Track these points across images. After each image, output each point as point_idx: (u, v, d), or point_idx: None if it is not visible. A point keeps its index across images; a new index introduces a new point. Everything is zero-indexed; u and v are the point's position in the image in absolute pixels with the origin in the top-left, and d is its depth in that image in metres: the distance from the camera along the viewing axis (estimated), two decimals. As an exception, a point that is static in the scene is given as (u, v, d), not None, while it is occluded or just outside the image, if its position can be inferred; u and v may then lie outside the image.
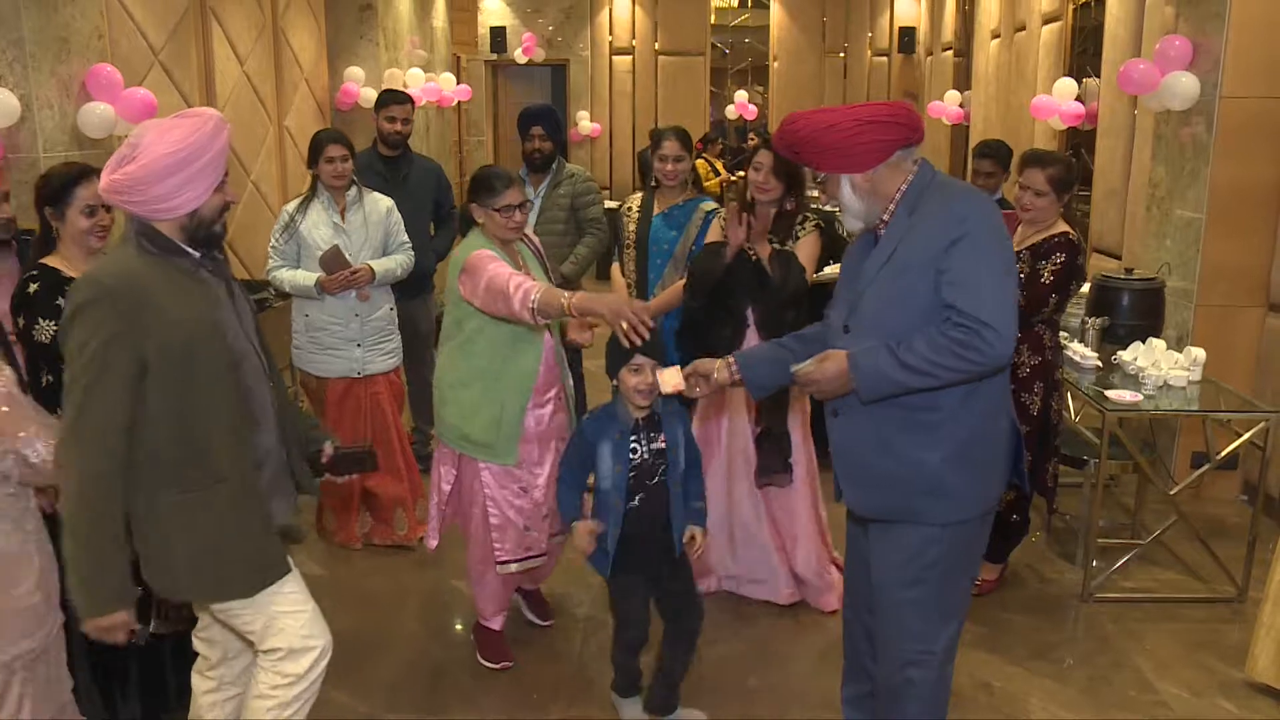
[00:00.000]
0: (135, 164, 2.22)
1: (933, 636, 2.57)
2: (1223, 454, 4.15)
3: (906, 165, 2.49)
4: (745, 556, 3.95)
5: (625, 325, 2.74)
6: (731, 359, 2.77)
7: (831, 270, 5.08)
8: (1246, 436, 4.05)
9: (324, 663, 2.55)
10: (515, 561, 3.47)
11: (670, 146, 4.10)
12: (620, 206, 4.34)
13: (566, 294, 2.98)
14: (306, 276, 4.24)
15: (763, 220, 3.66)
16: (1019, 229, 3.88)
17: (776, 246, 3.68)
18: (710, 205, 4.16)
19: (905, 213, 2.47)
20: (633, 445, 3.00)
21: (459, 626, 3.89)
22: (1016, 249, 3.78)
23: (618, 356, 2.98)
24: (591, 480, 3.08)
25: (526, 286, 3.02)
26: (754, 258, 3.65)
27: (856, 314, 2.53)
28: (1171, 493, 4.19)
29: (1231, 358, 4.88)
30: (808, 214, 3.78)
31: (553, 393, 3.44)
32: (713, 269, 3.65)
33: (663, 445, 3.02)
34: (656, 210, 4.17)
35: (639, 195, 4.30)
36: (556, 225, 4.76)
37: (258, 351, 2.48)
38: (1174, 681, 3.53)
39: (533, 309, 2.99)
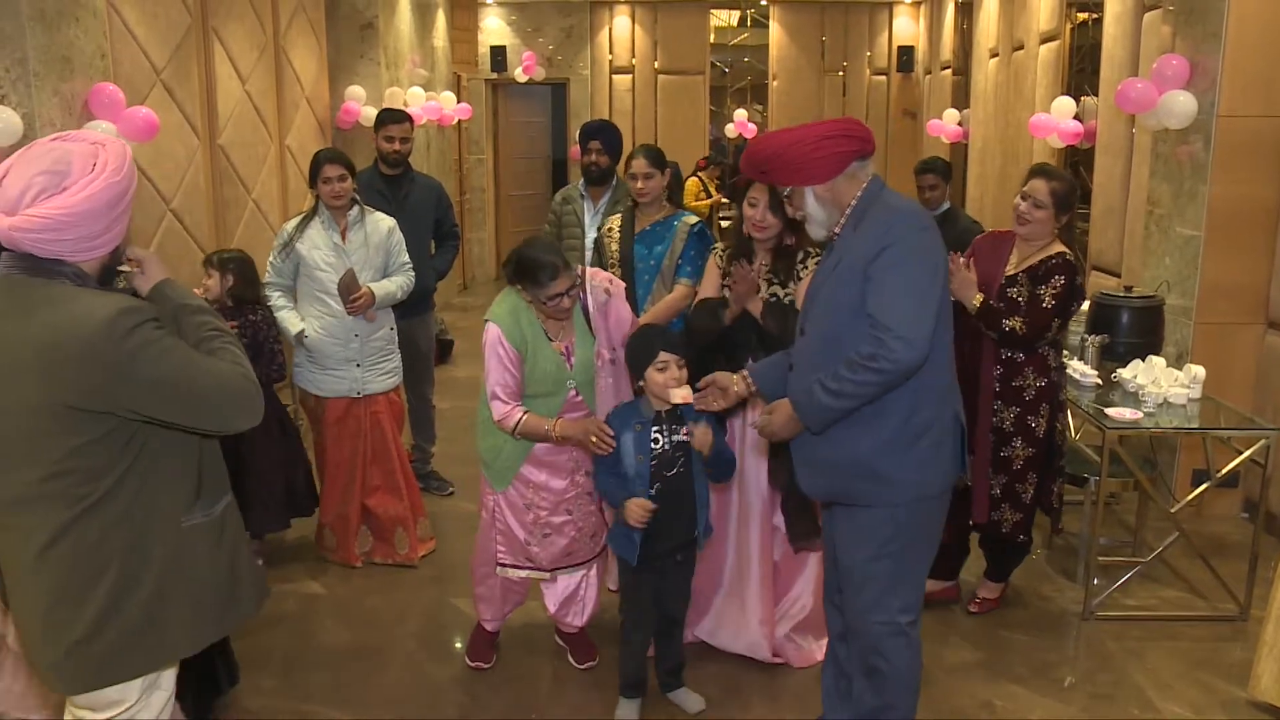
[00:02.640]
0: (70, 195, 1.90)
1: (897, 607, 2.78)
2: (1223, 471, 4.14)
3: (861, 175, 2.70)
4: (729, 611, 3.74)
5: (594, 440, 3.11)
6: (746, 372, 3.02)
7: None
8: (1247, 454, 4.05)
9: None
10: (514, 568, 3.51)
11: (639, 164, 4.07)
12: (601, 228, 4.34)
13: (550, 424, 3.23)
14: (290, 321, 4.29)
15: (746, 282, 3.44)
16: (1015, 248, 3.84)
17: (766, 298, 3.48)
18: (692, 220, 4.13)
19: (852, 225, 2.69)
20: (654, 436, 3.14)
21: (458, 645, 3.88)
22: (1012, 271, 3.77)
23: (640, 355, 3.15)
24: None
25: (511, 413, 3.26)
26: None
27: (809, 316, 2.80)
28: (1172, 510, 4.18)
29: (1231, 375, 4.89)
30: (809, 250, 3.52)
31: (568, 451, 3.41)
32: (709, 328, 3.53)
33: (685, 437, 3.15)
34: (637, 229, 4.16)
35: (618, 216, 4.28)
36: None
37: None
38: (1176, 700, 3.51)
39: (513, 430, 3.26)
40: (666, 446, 3.15)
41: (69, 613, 2.00)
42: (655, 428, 3.15)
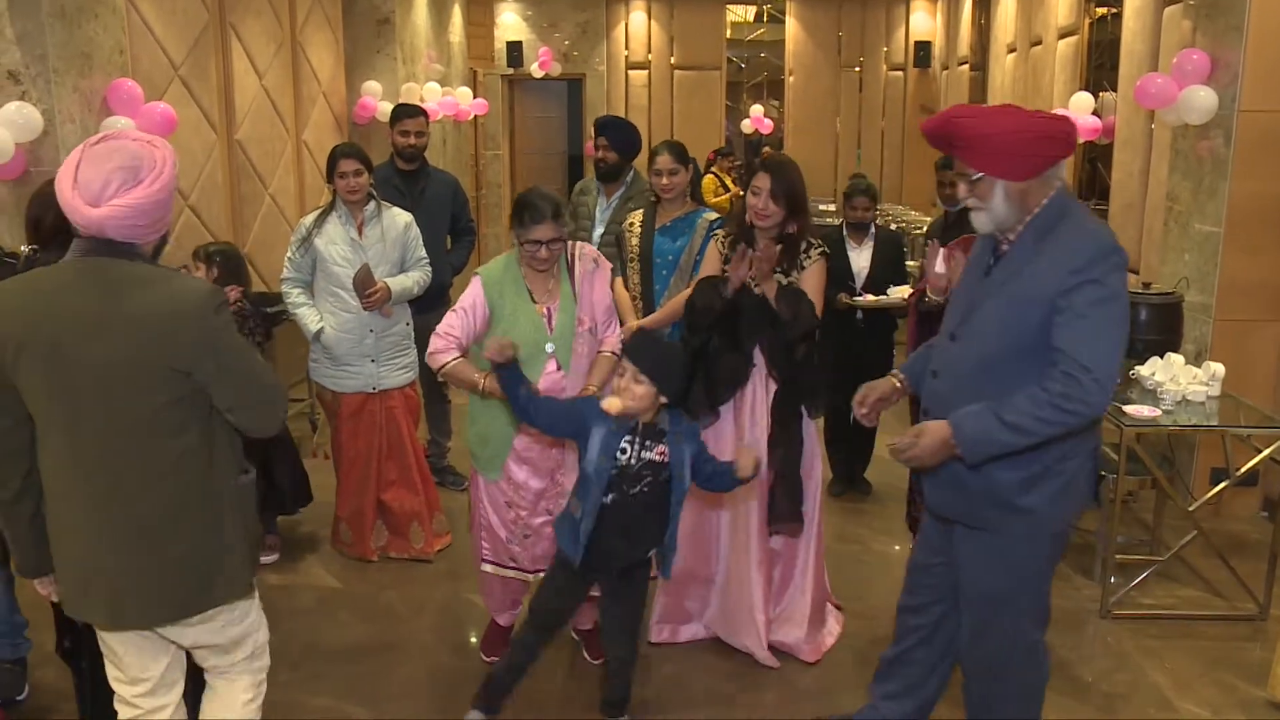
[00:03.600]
0: (146, 186, 2.17)
1: (1028, 625, 2.70)
2: (1242, 470, 4.12)
3: (1053, 181, 2.53)
4: (728, 604, 3.76)
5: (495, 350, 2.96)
6: (899, 373, 2.90)
7: (898, 291, 5.08)
8: (1267, 452, 4.02)
9: None
10: (494, 565, 3.52)
11: (664, 160, 4.08)
12: (622, 224, 4.35)
13: (482, 375, 3.20)
14: (308, 319, 4.31)
15: (768, 258, 3.43)
16: None
17: (783, 282, 3.51)
18: (712, 216, 4.15)
19: (1032, 237, 2.51)
20: (623, 445, 2.91)
21: (473, 639, 3.89)
22: None
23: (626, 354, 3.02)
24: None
25: (445, 351, 3.26)
26: (760, 294, 3.49)
27: (967, 325, 2.60)
28: (1190, 509, 4.15)
29: (1251, 372, 4.85)
30: (812, 240, 3.57)
31: None
32: (710, 305, 3.52)
33: (659, 459, 2.92)
34: (658, 224, 4.18)
35: (639, 212, 4.29)
36: None
37: None
38: (1193, 700, 3.49)
39: (438, 370, 3.28)
40: (633, 461, 2.91)
41: (169, 542, 2.27)
42: (627, 437, 2.91)
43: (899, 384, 2.88)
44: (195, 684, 3.22)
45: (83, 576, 2.29)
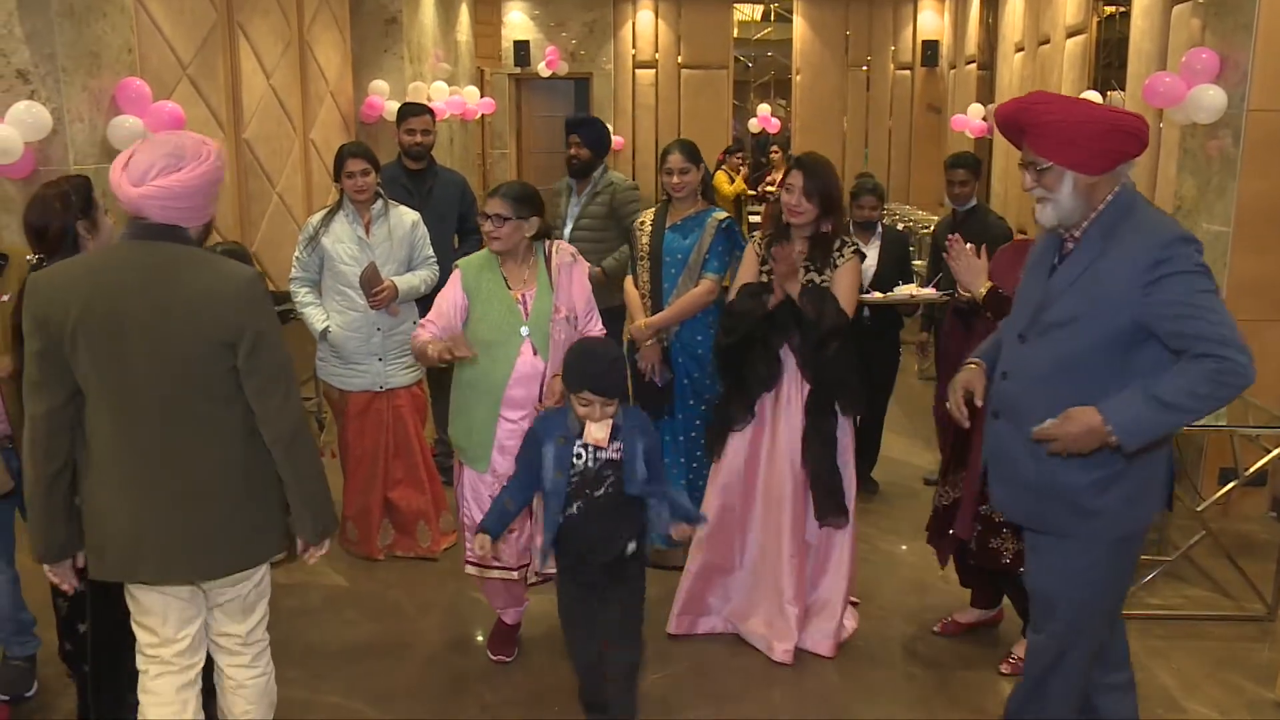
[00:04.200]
0: (186, 173, 2.37)
1: (1084, 634, 2.63)
2: (1251, 470, 4.10)
3: (1121, 178, 2.48)
4: (755, 596, 3.78)
5: (450, 352, 3.17)
6: (978, 361, 2.80)
7: (905, 289, 5.07)
8: (1276, 452, 4.01)
9: None
10: (477, 565, 3.50)
11: (675, 159, 4.14)
12: (634, 223, 4.38)
13: (432, 344, 3.25)
14: (314, 318, 4.33)
15: (786, 259, 3.46)
16: None
17: (816, 280, 3.54)
18: (722, 215, 4.17)
19: (1099, 234, 2.46)
20: (577, 451, 2.90)
21: (479, 637, 3.89)
22: None
23: (571, 374, 2.91)
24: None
25: (420, 333, 3.38)
26: (785, 295, 3.53)
27: (1036, 326, 2.55)
28: (1199, 509, 4.14)
29: (1259, 372, 4.77)
30: (845, 239, 3.61)
31: (527, 410, 3.41)
32: (751, 311, 3.55)
33: (614, 456, 2.90)
34: (669, 223, 4.19)
35: (651, 211, 4.34)
36: (593, 231, 4.88)
37: None
38: (1201, 700, 3.48)
39: (416, 351, 3.37)
40: (590, 464, 2.89)
41: (218, 503, 2.46)
42: (579, 442, 2.90)
43: (983, 371, 2.77)
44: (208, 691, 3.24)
45: (134, 536, 2.42)
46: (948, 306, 3.67)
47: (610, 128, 5.41)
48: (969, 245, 3.43)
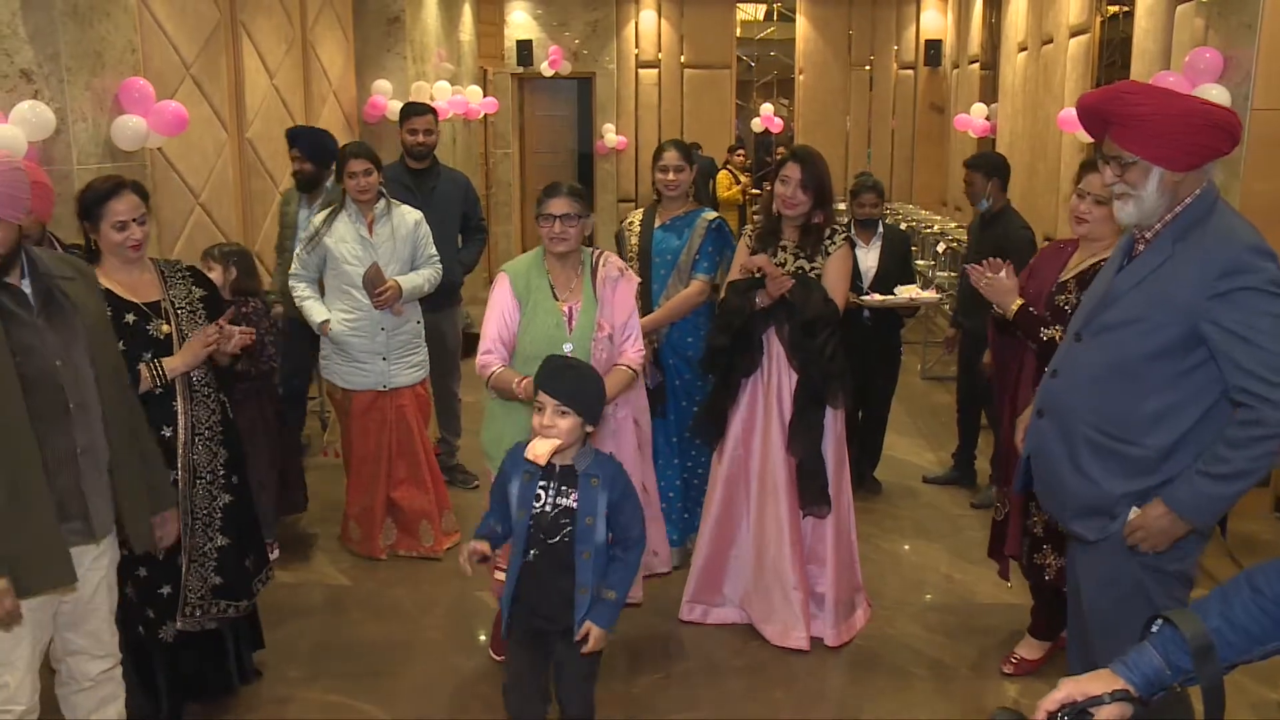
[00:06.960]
0: None
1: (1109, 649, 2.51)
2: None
3: (1205, 178, 2.36)
4: (763, 585, 3.79)
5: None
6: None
7: (906, 290, 5.07)
8: (1279, 452, 3.99)
9: None
10: (502, 571, 3.47)
11: (670, 157, 4.15)
12: (622, 223, 4.38)
13: (518, 379, 3.14)
14: (314, 311, 4.33)
15: (776, 281, 3.51)
16: (1077, 251, 3.43)
17: (806, 269, 3.60)
18: (712, 215, 4.18)
19: (1170, 238, 2.33)
20: (538, 491, 2.64)
21: (483, 637, 3.90)
22: (1066, 277, 3.37)
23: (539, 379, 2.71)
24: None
25: (490, 363, 3.29)
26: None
27: (1093, 325, 2.44)
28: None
29: (1263, 373, 4.81)
30: (836, 227, 3.69)
31: None
32: (742, 309, 3.60)
33: (572, 504, 2.62)
34: (658, 222, 4.20)
35: (639, 211, 4.34)
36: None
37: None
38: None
39: (487, 382, 3.29)
40: (549, 509, 2.62)
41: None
42: (543, 482, 2.63)
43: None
44: (209, 676, 3.25)
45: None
46: (988, 316, 3.63)
47: (338, 139, 5.20)
48: (994, 259, 3.37)
